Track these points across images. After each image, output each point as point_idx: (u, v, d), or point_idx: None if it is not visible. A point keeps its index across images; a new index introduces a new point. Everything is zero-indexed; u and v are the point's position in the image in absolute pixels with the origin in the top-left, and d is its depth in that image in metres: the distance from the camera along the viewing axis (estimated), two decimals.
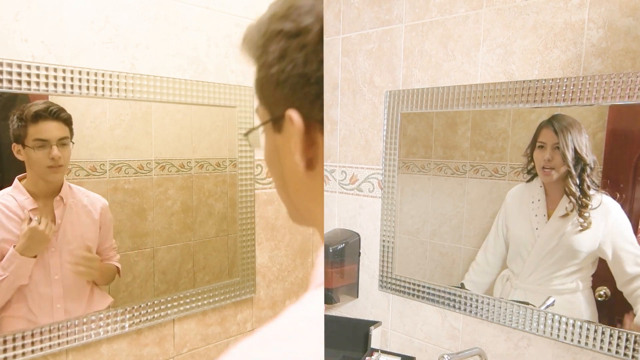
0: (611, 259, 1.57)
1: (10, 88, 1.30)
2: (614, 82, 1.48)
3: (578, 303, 1.64)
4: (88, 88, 1.43)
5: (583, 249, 1.62)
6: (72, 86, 1.40)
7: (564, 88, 1.58)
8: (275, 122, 0.60)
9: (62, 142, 1.41)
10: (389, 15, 2.06)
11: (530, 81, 1.65)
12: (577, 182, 1.60)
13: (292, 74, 0.56)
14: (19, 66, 1.31)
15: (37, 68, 1.33)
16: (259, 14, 0.62)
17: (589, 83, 1.53)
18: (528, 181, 1.73)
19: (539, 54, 1.65)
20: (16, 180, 1.38)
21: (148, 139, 1.58)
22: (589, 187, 1.59)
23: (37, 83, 1.34)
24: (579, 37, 1.57)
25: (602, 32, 1.52)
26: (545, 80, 1.62)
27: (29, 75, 1.32)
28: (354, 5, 2.18)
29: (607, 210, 1.57)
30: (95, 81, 1.44)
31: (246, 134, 0.63)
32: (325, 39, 2.30)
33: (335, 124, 2.32)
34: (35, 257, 1.40)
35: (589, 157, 1.58)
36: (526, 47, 1.68)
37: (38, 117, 1.36)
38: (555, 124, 1.63)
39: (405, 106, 2.01)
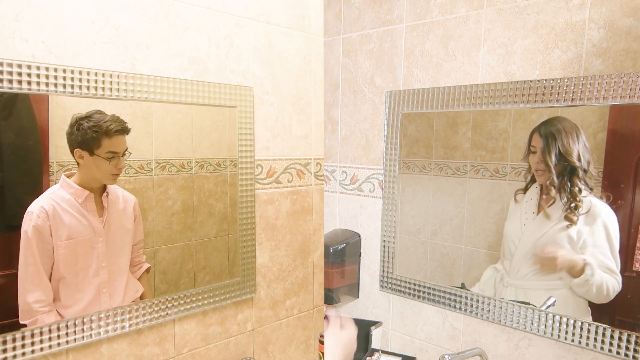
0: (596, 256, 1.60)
1: (10, 88, 1.30)
2: (615, 82, 1.48)
3: (565, 298, 1.65)
4: (88, 88, 1.43)
5: (565, 244, 1.63)
6: (72, 86, 1.40)
7: (565, 88, 1.58)
8: None
9: (125, 153, 1.53)
10: (389, 15, 2.06)
11: (531, 81, 1.65)
12: (568, 185, 1.62)
13: None
14: (19, 66, 1.30)
15: (38, 68, 1.33)
16: (259, 13, 0.63)
17: (590, 83, 1.53)
18: (526, 190, 1.76)
19: (540, 54, 1.65)
20: (64, 177, 1.45)
21: (148, 139, 1.59)
22: (580, 191, 1.60)
23: (38, 83, 1.33)
24: (579, 37, 1.57)
25: (603, 32, 1.52)
26: (546, 80, 1.62)
27: (29, 75, 1.32)
28: (354, 5, 2.18)
29: (595, 214, 1.58)
30: (96, 81, 1.44)
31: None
32: (326, 39, 2.30)
33: (336, 124, 2.32)
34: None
35: (583, 161, 1.59)
36: (527, 47, 1.68)
37: (115, 132, 1.48)
38: (542, 129, 1.65)
39: (406, 106, 2.01)
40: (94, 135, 1.45)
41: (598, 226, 1.58)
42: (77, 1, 1.40)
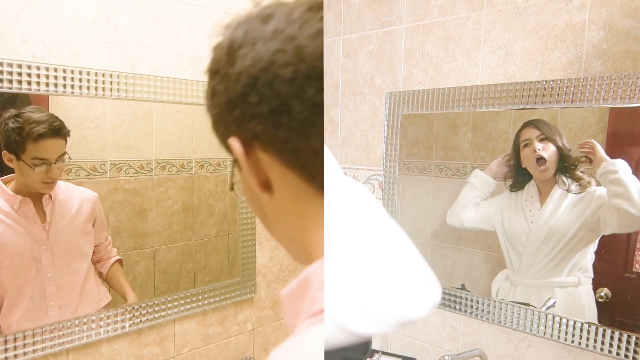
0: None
1: (10, 88, 1.30)
2: (615, 83, 1.48)
3: (579, 297, 1.64)
4: (89, 88, 1.43)
5: (573, 224, 1.63)
6: (72, 86, 1.40)
7: (565, 89, 1.58)
8: (234, 161, 0.60)
9: (60, 159, 1.40)
10: (389, 16, 2.06)
11: (530, 82, 1.65)
12: (570, 171, 1.62)
13: (219, 106, 0.57)
14: (20, 66, 1.31)
15: (38, 68, 1.33)
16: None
17: (590, 84, 1.53)
18: (517, 190, 1.76)
19: (540, 55, 1.65)
20: (0, 183, 1.36)
21: (148, 139, 1.59)
22: (582, 174, 1.60)
23: (38, 83, 1.34)
24: (579, 39, 1.57)
25: (603, 34, 1.52)
26: (545, 81, 1.62)
27: (29, 75, 1.32)
28: (354, 6, 2.18)
29: (594, 190, 1.59)
30: (96, 81, 1.44)
31: (232, 189, 0.63)
32: (326, 40, 2.30)
33: (336, 125, 2.32)
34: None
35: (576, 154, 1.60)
36: (527, 48, 1.68)
37: (40, 136, 1.34)
38: (535, 121, 1.67)
39: (406, 107, 2.01)
40: (16, 139, 1.32)
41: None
42: (77, 1, 1.40)
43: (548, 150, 1.65)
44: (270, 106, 0.53)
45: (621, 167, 1.51)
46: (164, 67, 1.58)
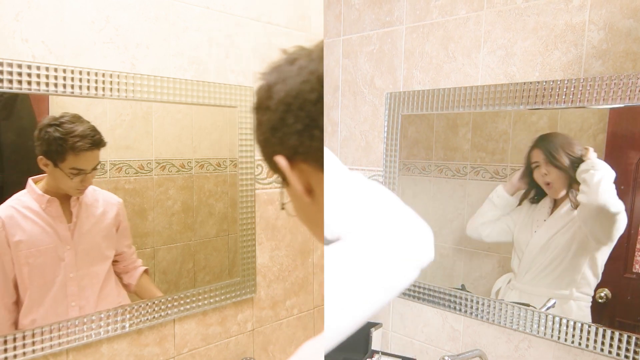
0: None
1: (10, 88, 1.30)
2: (615, 84, 1.48)
3: (568, 312, 1.64)
4: (89, 88, 1.43)
5: (567, 238, 1.64)
6: (72, 86, 1.40)
7: (565, 90, 1.58)
8: (283, 178, 0.74)
9: (95, 169, 1.46)
10: (389, 16, 2.06)
11: (530, 83, 1.65)
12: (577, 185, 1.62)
13: (264, 133, 0.73)
14: (20, 66, 1.31)
15: (38, 68, 1.33)
16: (259, 14, 0.67)
17: (590, 85, 1.53)
18: (537, 202, 1.76)
19: (540, 56, 1.65)
20: (31, 182, 1.40)
21: (148, 139, 1.59)
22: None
23: (38, 83, 1.34)
24: (579, 39, 1.57)
25: (603, 34, 1.52)
26: (545, 82, 1.62)
27: (29, 75, 1.32)
28: (354, 6, 2.18)
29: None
30: (96, 81, 1.44)
31: (283, 208, 0.82)
32: (326, 40, 2.30)
33: (336, 125, 2.32)
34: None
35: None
36: (527, 49, 1.68)
37: (83, 149, 1.40)
38: (540, 143, 1.67)
39: (406, 108, 2.01)
40: (58, 149, 1.37)
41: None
42: (77, 1, 1.40)
43: (553, 175, 1.66)
44: (304, 124, 0.68)
45: (599, 166, 1.53)
46: (164, 67, 1.58)
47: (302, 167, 0.71)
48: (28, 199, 1.39)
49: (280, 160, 0.71)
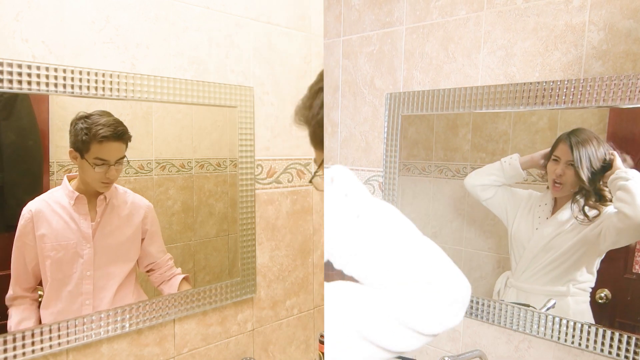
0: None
1: (10, 88, 1.30)
2: (615, 84, 1.48)
3: (566, 308, 1.64)
4: (89, 88, 1.43)
5: (574, 240, 1.63)
6: (72, 86, 1.40)
7: (565, 90, 1.58)
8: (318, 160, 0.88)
9: (119, 162, 1.49)
10: (389, 17, 2.06)
11: (530, 83, 1.65)
12: (593, 194, 1.59)
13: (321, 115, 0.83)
14: (20, 66, 1.31)
15: (38, 68, 1.33)
16: (260, 13, 0.67)
17: (590, 85, 1.53)
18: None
19: (540, 56, 1.65)
20: (65, 179, 1.44)
21: (148, 139, 1.59)
22: (604, 197, 1.58)
23: (38, 83, 1.34)
24: (579, 40, 1.57)
25: (603, 35, 1.52)
26: (545, 82, 1.62)
27: (29, 75, 1.33)
28: (354, 7, 2.18)
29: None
30: (96, 81, 1.44)
31: (310, 182, 0.91)
32: (326, 41, 2.30)
33: (336, 126, 2.32)
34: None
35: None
36: (527, 49, 1.68)
37: (104, 138, 1.44)
38: (572, 138, 1.61)
39: (406, 108, 2.01)
40: (83, 138, 1.41)
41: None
42: (77, 1, 1.40)
43: (567, 177, 1.63)
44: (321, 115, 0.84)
45: (633, 175, 1.50)
46: (164, 67, 1.58)
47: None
48: (60, 194, 1.44)
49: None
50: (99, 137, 1.43)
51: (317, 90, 0.85)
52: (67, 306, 1.45)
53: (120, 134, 1.47)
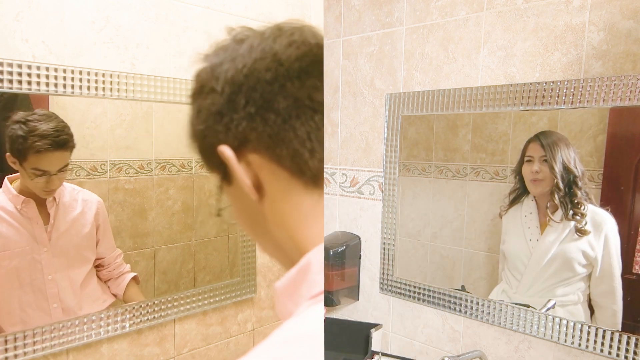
0: (597, 274, 1.59)
1: (10, 88, 1.30)
2: (615, 84, 1.48)
3: (579, 315, 1.64)
4: (89, 88, 1.43)
5: (579, 258, 1.62)
6: (72, 86, 1.40)
7: (565, 91, 1.58)
8: (224, 176, 0.65)
9: (62, 170, 1.38)
10: (389, 17, 2.06)
11: (531, 84, 1.65)
12: (568, 194, 1.61)
13: (205, 121, 0.62)
14: (20, 66, 1.31)
15: (38, 68, 1.33)
16: (259, 13, 0.66)
17: (590, 86, 1.53)
18: (517, 202, 1.75)
19: (540, 57, 1.65)
20: (6, 181, 1.35)
21: (149, 139, 1.59)
22: (579, 201, 1.59)
23: (38, 83, 1.34)
24: (579, 40, 1.57)
25: (603, 35, 1.52)
26: (546, 82, 1.62)
27: (29, 75, 1.33)
28: (354, 8, 2.19)
29: (599, 224, 1.58)
30: (96, 81, 1.44)
31: (219, 215, 0.72)
32: (326, 41, 2.30)
33: (336, 126, 2.32)
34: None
35: (578, 169, 1.59)
36: (527, 50, 1.68)
37: (42, 149, 1.32)
38: (542, 138, 1.65)
39: (406, 109, 2.01)
40: (19, 147, 1.30)
41: (604, 235, 1.58)
42: (77, 1, 1.40)
43: (545, 173, 1.65)
44: (257, 105, 0.59)
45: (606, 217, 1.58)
46: (164, 67, 1.58)
47: (252, 158, 0.61)
48: (3, 199, 1.34)
49: (225, 151, 0.60)
50: (36, 149, 1.31)
51: (190, 97, 0.66)
52: (33, 313, 1.38)
53: (61, 143, 1.36)
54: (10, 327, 1.35)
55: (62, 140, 1.35)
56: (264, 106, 0.59)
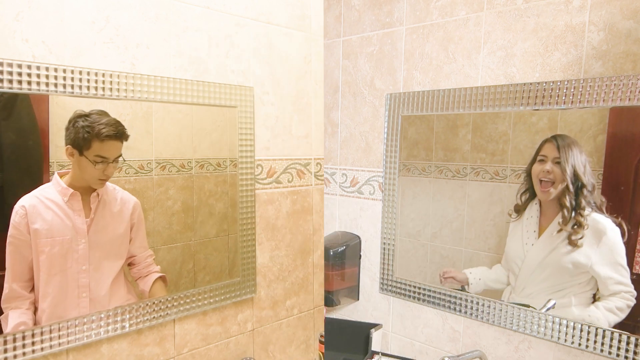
0: (601, 278, 1.60)
1: (10, 88, 1.30)
2: (615, 84, 1.48)
3: (572, 317, 1.64)
4: (89, 88, 1.43)
5: (571, 267, 1.63)
6: (72, 86, 1.40)
7: (565, 91, 1.58)
8: None
9: (117, 160, 1.49)
10: (389, 18, 2.06)
11: (531, 84, 1.65)
12: (574, 199, 1.61)
13: None
14: (20, 66, 1.31)
15: (38, 68, 1.33)
16: (259, 13, 0.64)
17: (590, 86, 1.53)
18: (529, 204, 1.76)
19: (540, 57, 1.65)
20: (56, 176, 1.43)
21: (149, 139, 1.58)
22: (584, 208, 1.59)
23: (38, 83, 1.34)
24: (579, 40, 1.57)
25: (603, 35, 1.52)
26: (546, 82, 1.62)
27: (29, 75, 1.32)
28: (354, 8, 2.19)
29: (600, 231, 1.58)
30: (96, 81, 1.44)
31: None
32: (326, 41, 2.30)
33: (336, 126, 2.32)
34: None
35: (587, 178, 1.59)
36: (527, 50, 1.68)
37: (107, 137, 1.45)
38: (559, 140, 1.64)
39: (406, 109, 2.01)
40: (85, 136, 1.42)
41: (605, 244, 1.58)
42: (77, 1, 1.40)
43: (556, 175, 1.65)
44: None
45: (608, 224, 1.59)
46: (164, 67, 1.58)
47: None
48: (52, 191, 1.44)
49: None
50: (102, 135, 1.44)
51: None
52: (64, 299, 1.47)
53: (120, 133, 1.49)
54: (45, 311, 1.43)
55: (121, 130, 1.48)
56: None
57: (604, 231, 1.57)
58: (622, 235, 1.54)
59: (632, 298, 1.53)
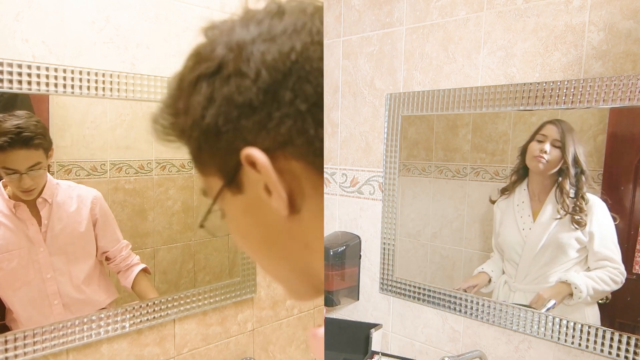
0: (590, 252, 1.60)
1: (11, 88, 1.30)
2: (615, 84, 1.48)
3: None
4: (89, 88, 1.43)
5: (572, 244, 1.63)
6: (72, 86, 1.40)
7: (565, 91, 1.58)
8: (231, 182, 0.51)
9: (33, 169, 1.36)
10: (389, 17, 2.06)
11: (531, 84, 1.65)
12: (574, 184, 1.61)
13: (224, 113, 0.48)
14: (20, 66, 1.31)
15: (38, 68, 1.33)
16: None
17: (590, 86, 1.53)
18: (518, 185, 1.75)
19: (540, 57, 1.65)
20: (0, 186, 1.37)
21: (149, 139, 1.59)
22: (583, 194, 1.59)
23: (38, 83, 1.34)
24: (579, 40, 1.57)
25: (603, 35, 1.52)
26: (546, 82, 1.62)
27: (29, 75, 1.33)
28: (354, 7, 2.19)
29: (592, 209, 1.58)
30: (96, 81, 1.44)
31: (202, 225, 0.54)
32: (326, 41, 2.30)
33: (336, 126, 2.32)
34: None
35: (585, 165, 1.59)
36: (527, 50, 1.68)
37: (3, 147, 1.30)
38: (562, 124, 1.63)
39: (406, 109, 2.01)
40: None
41: (597, 219, 1.58)
42: (77, 1, 1.40)
43: (552, 156, 1.64)
44: (310, 103, 0.47)
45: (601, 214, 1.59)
46: (164, 67, 1.58)
47: (292, 166, 0.48)
48: (0, 202, 1.36)
49: (258, 155, 0.47)
50: (3, 146, 1.30)
51: (195, 79, 0.51)
52: (34, 311, 1.41)
53: (24, 140, 1.32)
54: (14, 326, 1.37)
55: (23, 137, 1.31)
56: (317, 103, 0.46)
57: (594, 208, 1.58)
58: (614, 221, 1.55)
59: (619, 274, 1.54)
